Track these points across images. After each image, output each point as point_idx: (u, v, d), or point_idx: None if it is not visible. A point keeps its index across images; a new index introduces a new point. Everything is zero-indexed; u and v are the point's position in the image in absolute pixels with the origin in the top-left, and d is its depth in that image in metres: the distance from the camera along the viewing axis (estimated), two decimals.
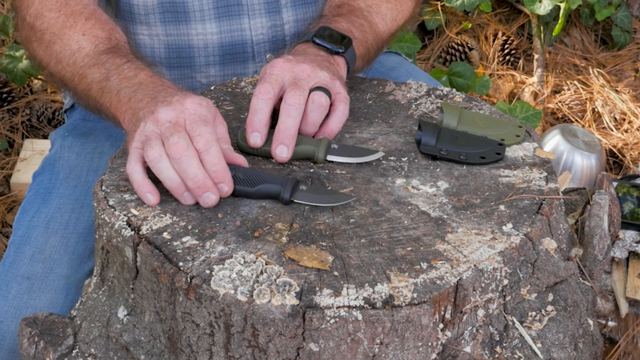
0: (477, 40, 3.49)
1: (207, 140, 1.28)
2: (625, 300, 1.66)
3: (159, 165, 1.28)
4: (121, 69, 1.44)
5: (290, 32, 1.76)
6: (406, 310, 1.14)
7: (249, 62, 1.76)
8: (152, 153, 1.28)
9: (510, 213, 1.31)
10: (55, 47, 1.53)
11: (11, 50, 3.02)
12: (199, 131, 1.29)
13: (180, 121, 1.30)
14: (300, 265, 1.19)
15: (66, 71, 1.52)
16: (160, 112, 1.31)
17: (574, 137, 2.83)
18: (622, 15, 3.49)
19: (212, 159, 1.28)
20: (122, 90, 1.41)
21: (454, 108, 1.49)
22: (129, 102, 1.38)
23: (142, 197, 1.30)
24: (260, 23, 1.73)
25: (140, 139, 1.31)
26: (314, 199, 1.32)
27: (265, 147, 1.40)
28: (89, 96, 1.48)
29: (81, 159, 1.74)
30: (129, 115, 1.37)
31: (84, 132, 1.80)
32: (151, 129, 1.30)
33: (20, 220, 1.69)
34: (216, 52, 1.72)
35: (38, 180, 1.75)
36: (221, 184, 1.29)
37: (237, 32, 1.72)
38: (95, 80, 1.46)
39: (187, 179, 1.28)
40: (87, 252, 1.62)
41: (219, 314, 1.15)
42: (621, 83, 3.36)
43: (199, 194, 1.29)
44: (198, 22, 1.69)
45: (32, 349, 1.29)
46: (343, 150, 1.42)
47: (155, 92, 1.36)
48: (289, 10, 1.74)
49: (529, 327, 1.28)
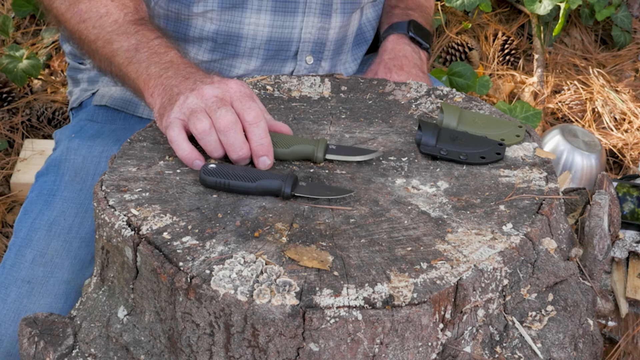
0: (477, 40, 3.49)
1: (257, 113, 1.35)
2: (625, 300, 1.66)
3: (207, 138, 1.34)
4: (152, 44, 1.47)
5: (333, 37, 1.80)
6: (406, 310, 1.14)
7: (289, 61, 1.79)
8: (200, 125, 1.34)
9: (510, 213, 1.31)
10: (81, 6, 1.55)
11: (11, 50, 3.02)
12: (249, 105, 1.35)
13: (226, 97, 1.35)
14: (300, 265, 1.19)
15: (89, 32, 1.53)
16: (205, 88, 1.36)
17: (574, 137, 2.83)
18: (622, 15, 3.49)
19: (260, 132, 1.35)
20: (153, 65, 1.44)
21: (454, 108, 1.49)
22: (159, 78, 1.41)
23: (189, 163, 1.36)
24: (312, 22, 1.75)
25: (182, 111, 1.35)
26: (314, 193, 1.33)
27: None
28: (112, 62, 1.50)
29: (87, 163, 1.73)
30: (160, 91, 1.40)
31: (92, 135, 1.79)
32: (196, 102, 1.35)
33: (22, 222, 1.67)
34: (263, 45, 1.75)
35: (42, 180, 1.74)
36: (264, 157, 1.35)
37: (288, 28, 1.75)
38: (123, 49, 1.48)
39: (232, 152, 1.35)
40: (89, 257, 1.62)
41: (219, 314, 1.15)
42: (621, 83, 3.36)
43: (240, 163, 1.37)
44: (254, 11, 1.71)
45: (32, 349, 1.29)
46: (342, 150, 1.43)
47: (188, 73, 1.41)
48: (337, 15, 1.78)
49: (529, 327, 1.28)
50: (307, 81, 1.65)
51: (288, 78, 1.67)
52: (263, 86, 1.64)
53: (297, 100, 1.61)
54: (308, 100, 1.60)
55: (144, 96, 1.44)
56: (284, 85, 1.65)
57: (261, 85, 1.64)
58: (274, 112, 1.56)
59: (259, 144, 1.35)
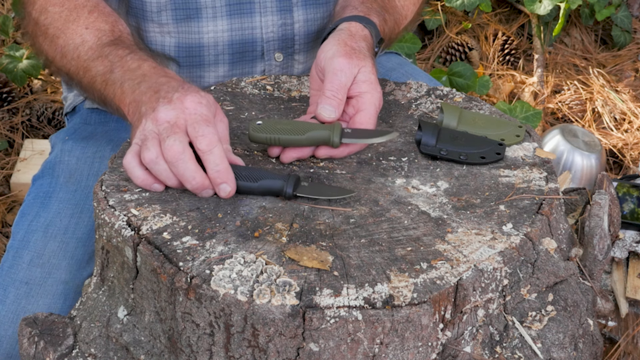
0: (477, 40, 3.49)
1: (209, 140, 1.28)
2: (625, 300, 1.66)
3: (156, 168, 1.29)
4: (124, 61, 1.45)
5: (300, 31, 1.76)
6: (406, 310, 1.14)
7: (257, 62, 1.76)
8: (148, 155, 1.29)
9: (510, 213, 1.31)
10: (60, 41, 1.54)
11: (11, 50, 3.02)
12: (202, 131, 1.29)
13: (179, 122, 1.30)
14: (300, 265, 1.19)
15: (71, 65, 1.53)
16: (160, 112, 1.31)
17: (574, 137, 2.83)
18: (622, 15, 3.49)
19: (215, 159, 1.28)
20: (126, 82, 1.41)
21: (454, 108, 1.49)
22: (133, 94, 1.38)
23: (148, 188, 1.32)
24: (271, 21, 1.73)
25: (140, 137, 1.32)
26: (316, 193, 1.32)
27: (286, 135, 1.40)
28: (94, 89, 1.49)
29: (81, 164, 1.73)
30: (133, 108, 1.38)
31: (85, 136, 1.79)
32: (150, 128, 1.30)
33: (19, 224, 1.68)
34: (226, 51, 1.73)
35: (38, 184, 1.74)
36: (223, 184, 1.29)
37: (247, 30, 1.72)
38: (100, 73, 1.47)
39: (185, 182, 1.29)
40: (86, 257, 1.62)
41: (219, 314, 1.15)
42: (621, 83, 3.36)
43: (198, 192, 1.31)
44: (210, 19, 1.69)
45: (32, 349, 1.29)
46: (357, 133, 1.41)
47: (158, 85, 1.37)
48: (299, 9, 1.75)
49: (529, 327, 1.28)
50: (307, 81, 1.65)
51: (288, 78, 1.67)
52: (263, 86, 1.64)
53: (297, 100, 1.61)
54: (308, 100, 1.60)
55: (125, 116, 1.42)
56: (284, 85, 1.65)
57: (261, 85, 1.64)
58: (274, 112, 1.56)
59: (215, 171, 1.29)
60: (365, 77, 1.45)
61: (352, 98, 1.46)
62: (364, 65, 1.46)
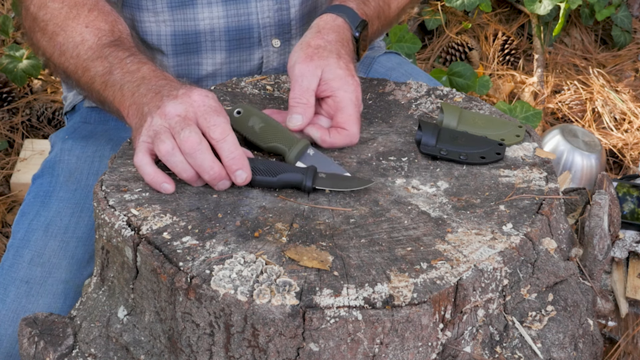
0: (477, 40, 3.49)
1: (222, 129, 1.30)
2: (625, 300, 1.66)
3: (172, 159, 1.30)
4: (124, 63, 1.44)
5: (296, 15, 1.75)
6: (406, 310, 1.14)
7: (255, 48, 1.76)
8: (163, 147, 1.29)
9: (510, 213, 1.31)
10: (59, 39, 1.53)
11: (11, 50, 3.02)
12: (214, 121, 1.30)
13: (190, 115, 1.31)
14: (300, 265, 1.19)
15: (69, 63, 1.52)
16: (168, 106, 1.31)
17: (574, 137, 2.83)
18: (622, 15, 3.49)
19: (229, 146, 1.30)
20: (126, 84, 1.41)
21: (454, 108, 1.49)
22: (132, 97, 1.38)
23: (157, 187, 1.32)
24: (267, 6, 1.72)
25: (149, 134, 1.32)
26: (335, 185, 1.33)
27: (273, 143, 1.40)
28: (92, 89, 1.49)
29: (81, 163, 1.73)
30: (134, 110, 1.37)
31: (85, 135, 1.79)
32: (159, 123, 1.31)
33: (19, 223, 1.68)
34: (222, 37, 1.72)
35: (37, 183, 1.74)
36: (239, 170, 1.30)
37: (243, 16, 1.72)
38: (99, 74, 1.46)
39: (203, 173, 1.30)
40: (86, 256, 1.62)
41: (219, 314, 1.15)
42: (621, 83, 3.36)
43: (215, 183, 1.31)
44: (205, 5, 1.69)
45: (32, 349, 1.29)
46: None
47: (158, 87, 1.37)
48: None
49: (529, 327, 1.28)
50: None
51: (288, 78, 1.67)
52: (263, 86, 1.64)
53: None
54: None
55: (124, 118, 1.42)
56: (284, 85, 1.65)
57: (261, 85, 1.64)
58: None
59: (230, 158, 1.30)
60: (332, 74, 1.45)
61: (328, 98, 1.46)
62: (327, 64, 1.45)
